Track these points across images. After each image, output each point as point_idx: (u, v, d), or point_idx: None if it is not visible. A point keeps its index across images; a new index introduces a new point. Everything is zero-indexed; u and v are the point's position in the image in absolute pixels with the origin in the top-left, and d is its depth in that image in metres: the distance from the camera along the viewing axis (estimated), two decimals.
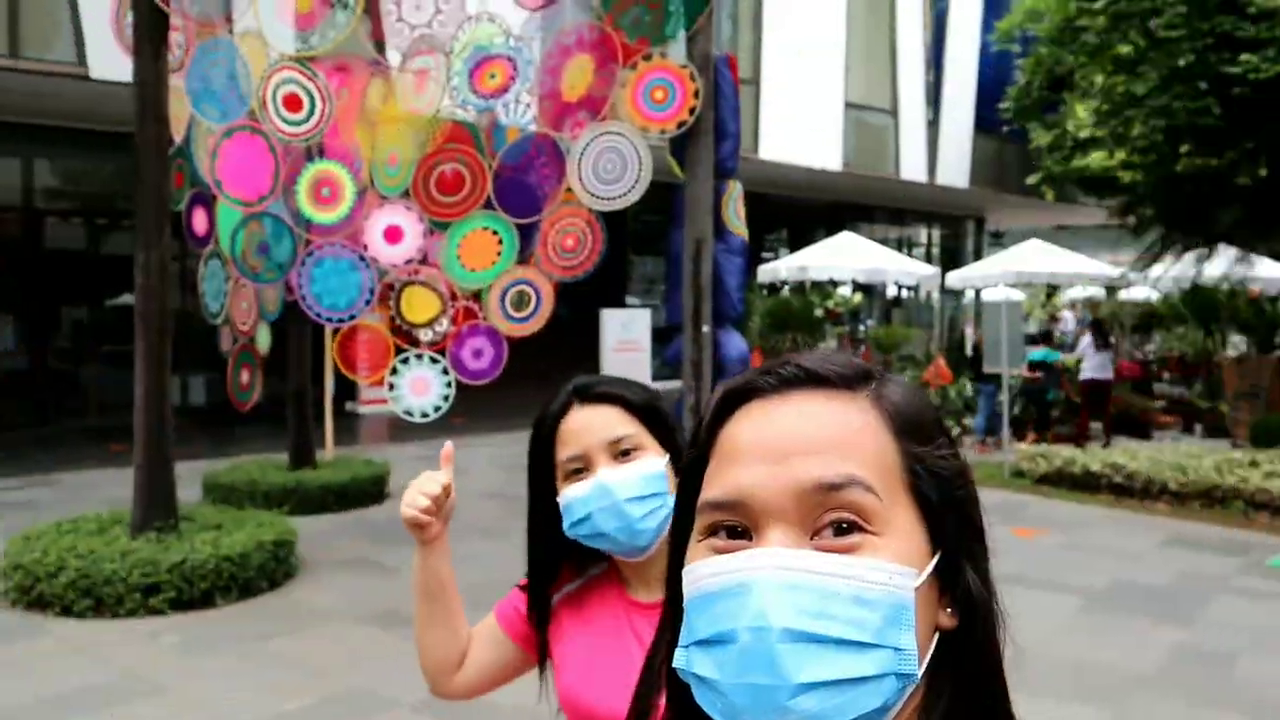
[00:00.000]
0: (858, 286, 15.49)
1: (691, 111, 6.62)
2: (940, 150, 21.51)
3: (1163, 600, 6.89)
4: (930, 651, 0.73)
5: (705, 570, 0.73)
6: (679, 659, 0.74)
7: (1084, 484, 10.54)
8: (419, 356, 6.75)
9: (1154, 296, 17.82)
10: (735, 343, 7.37)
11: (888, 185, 21.18)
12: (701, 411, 0.83)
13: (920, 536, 0.73)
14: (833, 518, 0.71)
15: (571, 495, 1.52)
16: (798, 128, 17.82)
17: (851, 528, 0.71)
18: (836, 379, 0.77)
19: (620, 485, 1.49)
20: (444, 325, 6.76)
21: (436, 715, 4.85)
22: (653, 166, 6.54)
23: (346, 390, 14.20)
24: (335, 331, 7.09)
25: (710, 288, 7.03)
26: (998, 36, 19.88)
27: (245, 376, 7.60)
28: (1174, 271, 13.57)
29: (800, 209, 22.29)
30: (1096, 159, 17.17)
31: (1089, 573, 7.52)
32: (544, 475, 1.58)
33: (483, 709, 4.92)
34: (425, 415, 6.68)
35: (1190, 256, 12.94)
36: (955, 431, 13.43)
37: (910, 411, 0.76)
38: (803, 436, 0.73)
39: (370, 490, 9.37)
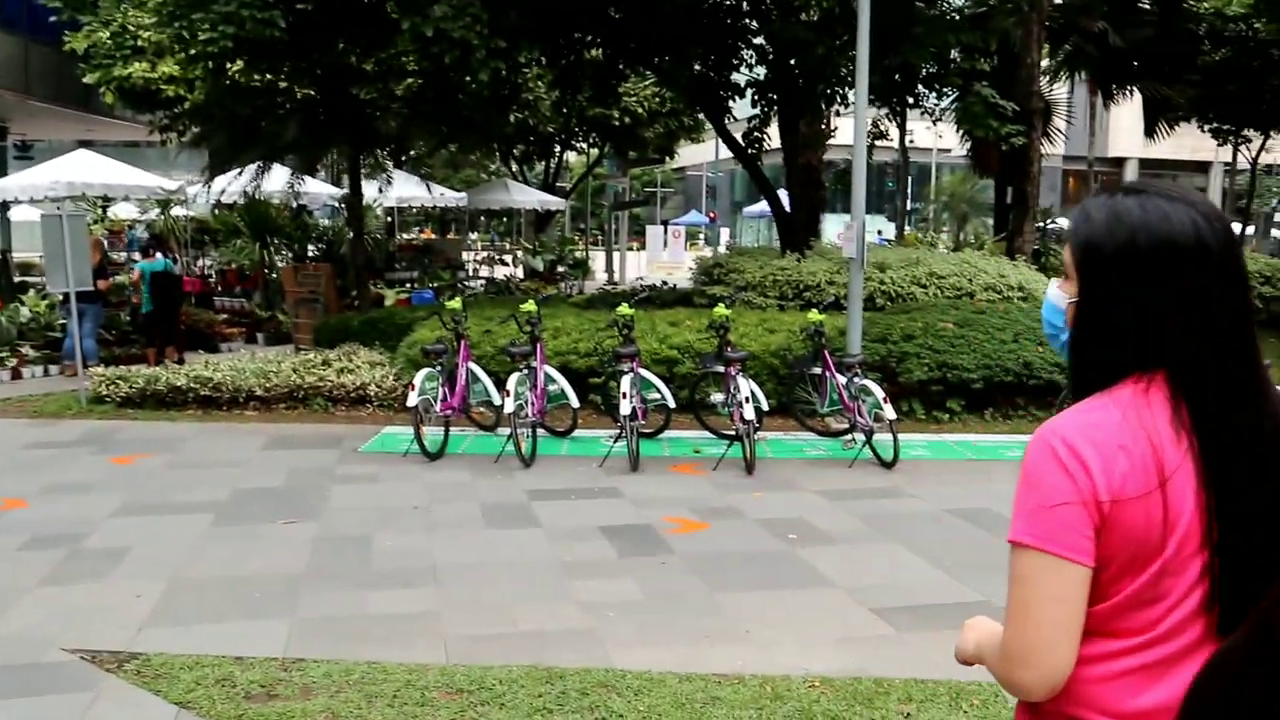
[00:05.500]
0: None
1: None
2: None
3: (286, 500, 7.13)
4: None
5: None
6: None
7: (171, 401, 10.32)
8: None
9: (198, 213, 17.96)
10: None
11: None
12: None
13: None
14: None
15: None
16: None
17: None
18: None
19: None
20: None
21: None
22: None
23: None
24: None
25: None
26: None
27: None
28: (236, 186, 13.76)
29: None
30: (138, 70, 16.46)
31: (206, 487, 7.42)
32: None
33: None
34: None
35: (251, 170, 13.22)
36: (10, 361, 12.03)
37: None
38: None
39: None
